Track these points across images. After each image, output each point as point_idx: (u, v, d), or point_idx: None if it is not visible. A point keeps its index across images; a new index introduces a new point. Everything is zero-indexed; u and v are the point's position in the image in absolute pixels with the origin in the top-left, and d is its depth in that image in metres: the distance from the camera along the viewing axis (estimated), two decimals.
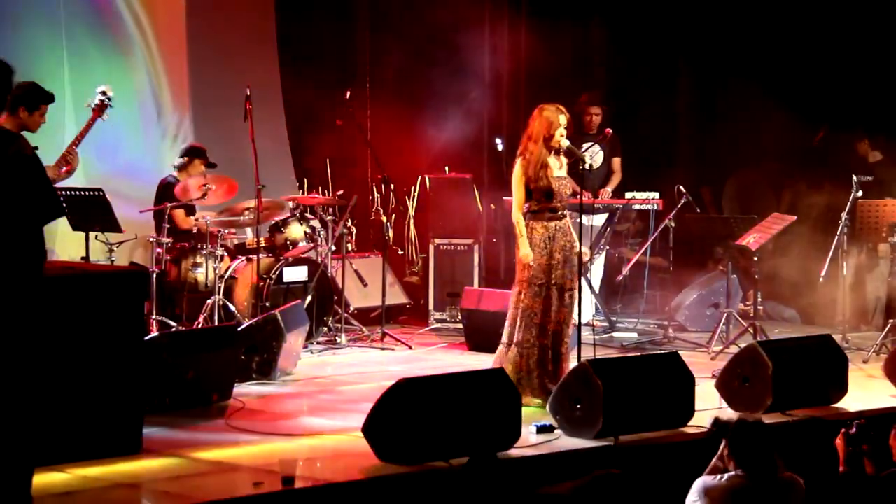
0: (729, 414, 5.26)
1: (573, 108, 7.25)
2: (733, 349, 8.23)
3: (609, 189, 10.20)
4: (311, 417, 6.93)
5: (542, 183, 7.03)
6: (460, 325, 9.64)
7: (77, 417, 5.55)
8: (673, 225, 9.61)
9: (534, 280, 7.03)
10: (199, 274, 8.96)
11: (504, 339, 7.16)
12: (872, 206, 9.31)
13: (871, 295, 10.17)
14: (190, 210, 9.26)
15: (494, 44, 11.97)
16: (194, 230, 9.16)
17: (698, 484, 5.12)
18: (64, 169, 7.67)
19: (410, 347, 9.25)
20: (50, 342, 5.09)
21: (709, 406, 6.87)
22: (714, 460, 5.25)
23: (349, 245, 9.97)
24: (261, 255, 9.00)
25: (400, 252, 11.42)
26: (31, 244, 4.81)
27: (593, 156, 9.64)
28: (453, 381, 6.10)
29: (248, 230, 9.84)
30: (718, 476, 5.11)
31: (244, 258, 9.20)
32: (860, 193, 9.34)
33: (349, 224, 9.93)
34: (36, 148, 7.12)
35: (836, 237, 9.27)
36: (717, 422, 5.29)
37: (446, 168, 11.05)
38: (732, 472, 5.08)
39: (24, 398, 4.73)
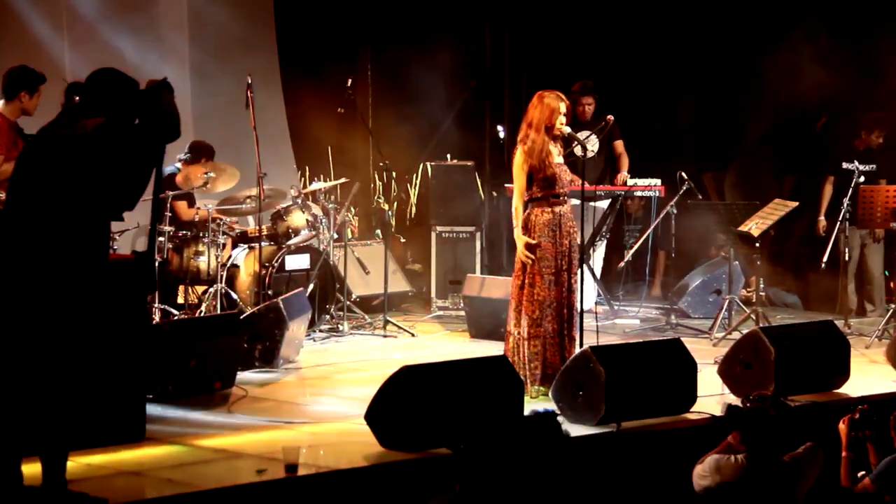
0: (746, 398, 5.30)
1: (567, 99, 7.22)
2: (735, 335, 8.23)
3: (626, 172, 10.16)
4: (314, 405, 6.95)
5: (547, 171, 7.01)
6: (462, 313, 9.65)
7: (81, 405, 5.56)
8: (675, 211, 9.60)
9: (546, 269, 7.00)
10: (202, 262, 8.96)
11: (513, 329, 7.06)
12: (874, 192, 9.31)
13: (878, 281, 10.16)
14: (191, 201, 9.26)
15: (496, 31, 11.97)
16: (196, 219, 9.17)
17: (710, 461, 5.17)
18: None
19: (413, 335, 9.25)
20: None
21: (711, 392, 6.89)
22: (727, 440, 5.28)
23: (351, 232, 9.99)
24: (263, 244, 9.01)
25: (402, 240, 11.43)
26: (90, 238, 4.85)
27: (591, 144, 9.64)
28: (455, 368, 6.10)
29: (250, 218, 9.85)
30: (729, 456, 5.16)
31: (246, 246, 9.20)
32: (862, 179, 9.35)
33: (351, 212, 9.93)
34: (31, 136, 7.14)
35: (838, 222, 9.28)
36: (730, 408, 5.33)
37: (448, 156, 11.05)
38: (743, 454, 5.13)
39: (71, 383, 4.81)
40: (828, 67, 10.36)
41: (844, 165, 9.73)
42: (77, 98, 4.94)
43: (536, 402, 6.70)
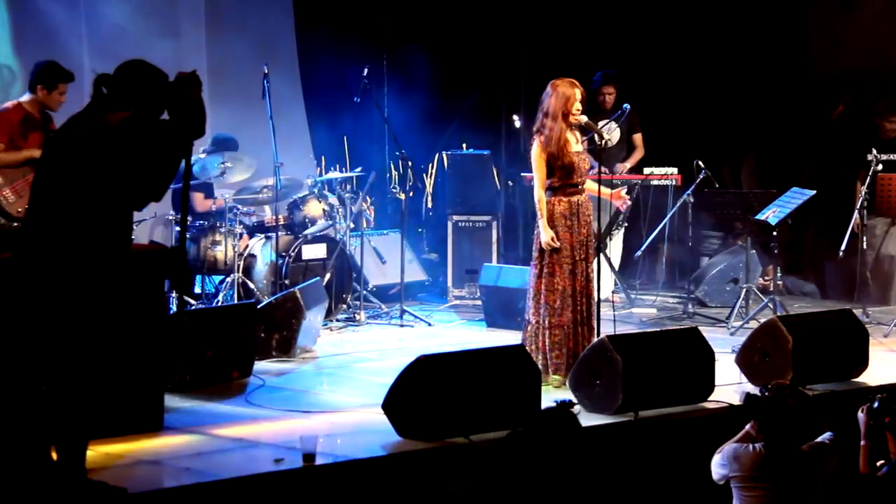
0: (763, 386, 5.30)
1: (585, 88, 7.21)
2: (753, 324, 8.20)
3: (628, 165, 10.19)
4: (331, 394, 6.96)
5: (565, 160, 6.99)
6: (479, 302, 9.64)
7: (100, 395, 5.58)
8: (692, 200, 9.57)
9: (565, 259, 6.99)
10: (219, 252, 8.98)
11: (531, 318, 7.06)
12: (892, 180, 9.25)
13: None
14: (208, 192, 9.27)
15: (512, 19, 11.93)
16: (213, 209, 9.18)
17: (728, 450, 5.18)
18: None
19: (429, 324, 9.25)
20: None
21: (729, 381, 6.87)
22: (745, 429, 5.27)
23: (367, 222, 9.98)
24: (280, 233, 9.01)
25: (419, 229, 11.42)
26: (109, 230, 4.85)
27: (610, 132, 9.62)
28: (473, 357, 6.11)
29: (267, 208, 9.86)
30: (747, 445, 5.15)
31: (263, 236, 9.21)
32: (880, 167, 9.29)
33: (367, 201, 9.93)
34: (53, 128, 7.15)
35: (856, 211, 9.23)
36: (748, 397, 5.32)
37: (464, 145, 11.02)
38: (760, 444, 5.12)
39: (89, 373, 4.81)
40: (846, 55, 10.31)
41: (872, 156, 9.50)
42: (104, 90, 4.93)
43: (558, 392, 6.68)
